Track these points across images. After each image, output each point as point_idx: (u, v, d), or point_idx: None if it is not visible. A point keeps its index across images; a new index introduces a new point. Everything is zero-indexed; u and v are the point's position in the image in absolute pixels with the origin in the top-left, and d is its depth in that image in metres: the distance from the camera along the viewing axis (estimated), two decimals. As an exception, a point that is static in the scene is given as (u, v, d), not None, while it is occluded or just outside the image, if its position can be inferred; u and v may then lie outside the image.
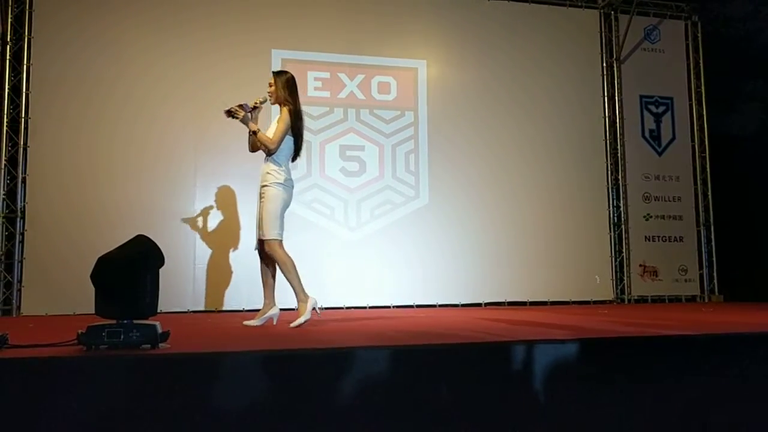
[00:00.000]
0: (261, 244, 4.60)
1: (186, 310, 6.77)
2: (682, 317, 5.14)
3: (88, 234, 6.53)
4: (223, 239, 6.97)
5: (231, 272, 6.95)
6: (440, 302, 7.43)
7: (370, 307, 7.18)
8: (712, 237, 8.63)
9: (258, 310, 4.68)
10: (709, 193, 8.65)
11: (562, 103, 8.25)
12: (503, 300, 7.65)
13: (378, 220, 7.56)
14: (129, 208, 6.74)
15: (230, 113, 4.51)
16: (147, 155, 6.94)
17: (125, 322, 2.69)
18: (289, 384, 2.44)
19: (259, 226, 4.55)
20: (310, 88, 7.50)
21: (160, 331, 2.75)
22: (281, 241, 4.52)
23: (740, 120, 8.85)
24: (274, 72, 4.82)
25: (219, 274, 6.91)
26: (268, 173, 4.55)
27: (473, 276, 7.66)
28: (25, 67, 6.74)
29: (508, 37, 8.15)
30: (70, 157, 6.73)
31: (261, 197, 4.58)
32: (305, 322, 4.35)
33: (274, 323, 4.59)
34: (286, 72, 4.79)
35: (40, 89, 6.75)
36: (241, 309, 6.67)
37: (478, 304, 7.52)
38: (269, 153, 4.56)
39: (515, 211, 7.91)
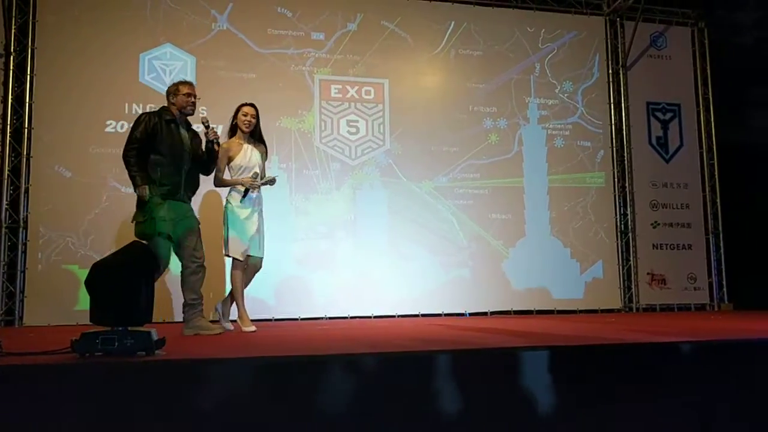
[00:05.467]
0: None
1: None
2: (691, 325, 5.04)
3: (90, 245, 6.52)
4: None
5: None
6: (446, 311, 7.35)
7: (375, 317, 7.12)
8: (722, 244, 8.54)
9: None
10: (718, 200, 8.56)
11: (567, 111, 8.19)
12: (509, 309, 7.57)
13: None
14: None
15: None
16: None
17: (120, 329, 2.65)
18: (285, 391, 2.38)
19: (261, 245, 4.96)
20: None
21: (155, 338, 2.70)
22: None
23: (749, 127, 8.75)
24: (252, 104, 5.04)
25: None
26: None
27: (479, 285, 7.59)
28: (28, 77, 6.74)
29: (512, 43, 8.11)
30: (73, 167, 6.70)
31: (261, 216, 5.00)
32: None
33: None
34: None
35: (43, 99, 6.74)
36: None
37: (484, 313, 7.44)
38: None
39: (520, 220, 7.84)
